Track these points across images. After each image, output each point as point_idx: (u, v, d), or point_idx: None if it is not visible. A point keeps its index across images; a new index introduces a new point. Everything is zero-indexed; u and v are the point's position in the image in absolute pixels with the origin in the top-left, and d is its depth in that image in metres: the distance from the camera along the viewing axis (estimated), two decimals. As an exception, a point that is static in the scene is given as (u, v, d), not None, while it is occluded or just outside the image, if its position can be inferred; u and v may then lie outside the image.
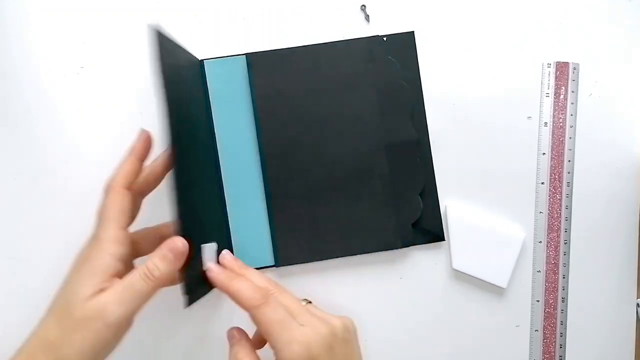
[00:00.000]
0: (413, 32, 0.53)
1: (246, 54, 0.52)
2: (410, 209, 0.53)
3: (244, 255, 0.51)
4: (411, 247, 0.53)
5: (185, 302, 0.40)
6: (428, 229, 0.54)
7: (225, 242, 0.51)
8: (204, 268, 0.44)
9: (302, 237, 0.52)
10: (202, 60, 0.52)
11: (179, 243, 0.40)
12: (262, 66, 0.52)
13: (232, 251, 0.51)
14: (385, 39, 0.53)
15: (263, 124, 0.52)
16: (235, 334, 0.45)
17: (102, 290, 0.38)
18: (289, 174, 0.52)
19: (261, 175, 0.52)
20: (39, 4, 0.51)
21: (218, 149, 0.52)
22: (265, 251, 0.52)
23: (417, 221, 0.53)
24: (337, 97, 0.52)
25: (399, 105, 0.53)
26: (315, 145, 0.52)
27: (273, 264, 0.52)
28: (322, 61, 0.52)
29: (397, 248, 0.53)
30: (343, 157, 0.52)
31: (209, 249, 0.45)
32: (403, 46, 0.53)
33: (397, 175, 0.53)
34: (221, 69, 0.52)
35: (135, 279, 0.39)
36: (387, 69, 0.53)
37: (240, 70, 0.52)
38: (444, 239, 0.53)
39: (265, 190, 0.52)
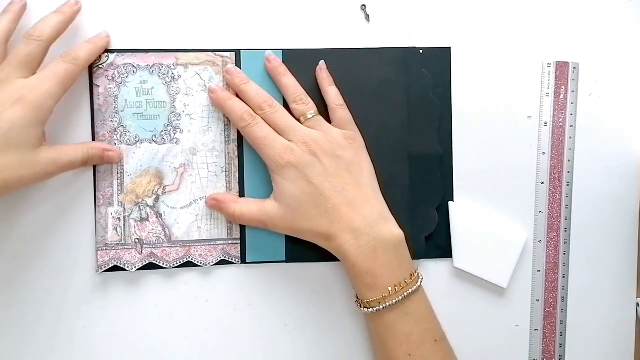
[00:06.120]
0: (450, 48, 0.53)
1: (282, 50, 0.52)
2: (426, 223, 0.53)
3: (256, 248, 0.52)
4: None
5: None
6: (441, 244, 0.54)
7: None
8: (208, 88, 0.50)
9: None
10: (238, 51, 0.52)
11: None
12: (297, 63, 0.51)
13: (244, 245, 0.52)
14: (421, 51, 0.53)
15: None
16: (220, 197, 0.50)
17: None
18: None
19: None
20: (39, 4, 0.51)
21: (243, 142, 0.51)
22: (277, 246, 0.52)
23: (431, 235, 0.53)
24: (366, 103, 0.52)
25: (427, 119, 0.53)
26: None
27: (284, 259, 0.52)
28: (356, 65, 0.52)
29: None
30: None
31: None
32: (438, 61, 0.53)
33: (417, 187, 0.52)
34: (257, 61, 0.52)
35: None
36: (419, 81, 0.52)
37: None
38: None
39: None
